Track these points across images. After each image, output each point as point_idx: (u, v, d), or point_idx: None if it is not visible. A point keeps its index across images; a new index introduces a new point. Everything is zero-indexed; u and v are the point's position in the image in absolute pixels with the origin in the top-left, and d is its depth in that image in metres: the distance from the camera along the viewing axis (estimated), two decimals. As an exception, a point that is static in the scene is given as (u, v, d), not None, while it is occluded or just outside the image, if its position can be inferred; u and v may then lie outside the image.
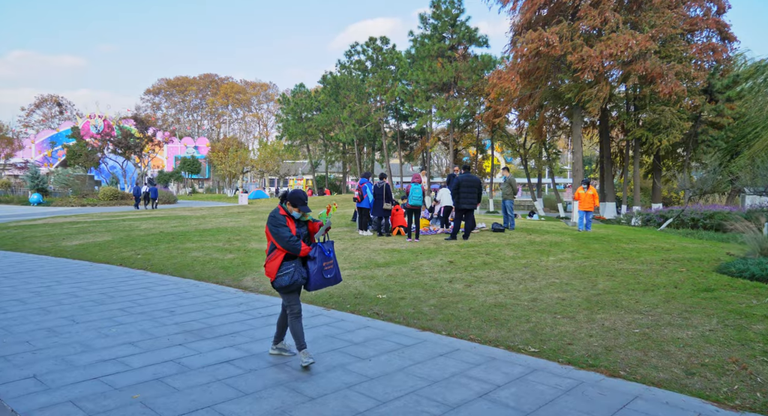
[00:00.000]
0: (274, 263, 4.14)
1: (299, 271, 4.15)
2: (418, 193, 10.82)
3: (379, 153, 51.41)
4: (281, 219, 4.11)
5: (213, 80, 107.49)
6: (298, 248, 4.10)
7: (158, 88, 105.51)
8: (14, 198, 36.53)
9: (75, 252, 11.19)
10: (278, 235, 4.06)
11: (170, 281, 7.92)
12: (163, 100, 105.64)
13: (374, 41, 41.41)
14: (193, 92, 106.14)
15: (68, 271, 8.90)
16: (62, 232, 14.59)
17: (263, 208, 23.28)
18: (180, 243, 11.87)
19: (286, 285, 4.12)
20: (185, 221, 17.05)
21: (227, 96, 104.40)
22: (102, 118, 68.42)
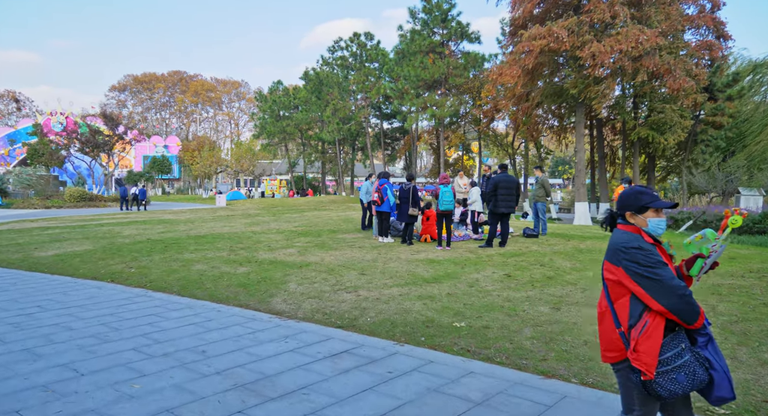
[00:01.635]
0: (651, 341, 2.18)
1: (696, 359, 2.22)
2: (449, 197, 9.66)
3: (361, 152, 50.11)
4: (652, 252, 2.25)
5: (182, 77, 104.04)
6: (697, 307, 2.22)
7: (124, 84, 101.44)
8: (-30, 200, 33.66)
9: (53, 266, 9.58)
10: (659, 282, 2.18)
11: (182, 304, 6.52)
12: (129, 97, 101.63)
13: (358, 37, 40.11)
14: (161, 89, 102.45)
15: (50, 291, 7.37)
16: (32, 240, 12.84)
17: (253, 211, 21.74)
18: (176, 253, 10.38)
19: (678, 390, 2.17)
20: (172, 226, 15.45)
21: (197, 94, 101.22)
22: (64, 115, 64.91)
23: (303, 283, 7.36)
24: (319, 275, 7.88)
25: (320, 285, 7.24)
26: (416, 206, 10.54)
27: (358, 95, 41.86)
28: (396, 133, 47.69)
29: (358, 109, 39.89)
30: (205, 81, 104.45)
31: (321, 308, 6.11)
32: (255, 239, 12.14)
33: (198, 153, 63.93)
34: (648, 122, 21.90)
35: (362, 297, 6.45)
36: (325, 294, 6.71)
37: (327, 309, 6.07)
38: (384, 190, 10.77)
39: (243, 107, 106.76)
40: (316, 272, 8.12)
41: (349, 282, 7.28)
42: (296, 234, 12.81)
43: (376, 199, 10.74)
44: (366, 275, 7.73)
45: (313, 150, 52.72)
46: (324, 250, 10.20)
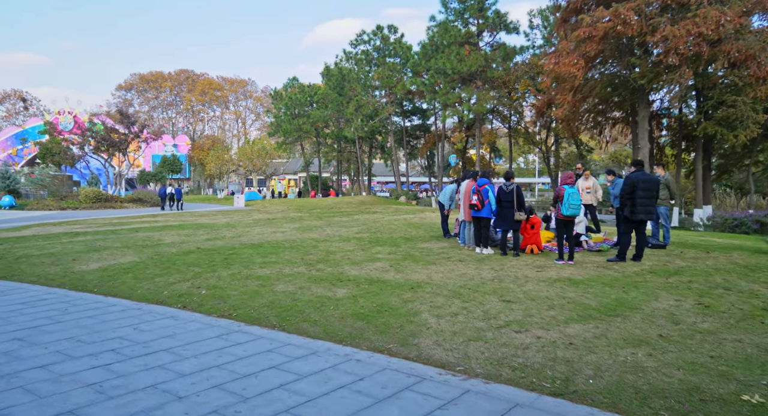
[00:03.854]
0: None
1: None
2: (576, 200, 8.04)
3: (381, 151, 48.47)
4: None
5: (189, 76, 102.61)
6: None
7: (131, 83, 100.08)
8: (-19, 201, 32.17)
9: (101, 284, 8.00)
10: None
11: (298, 346, 4.92)
12: (135, 96, 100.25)
13: (381, 30, 38.48)
14: (167, 88, 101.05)
15: (114, 323, 5.79)
16: (66, 249, 11.27)
17: (293, 214, 20.14)
18: (243, 267, 8.78)
19: None
20: (215, 232, 13.86)
21: (204, 92, 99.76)
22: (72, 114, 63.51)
23: (440, 315, 5.75)
24: (449, 302, 6.27)
25: (465, 318, 5.63)
26: (522, 209, 8.93)
27: (381, 91, 40.26)
28: (417, 130, 46.10)
29: (382, 106, 38.27)
30: (212, 80, 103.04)
31: (499, 358, 4.50)
32: (323, 249, 10.54)
33: (209, 152, 62.34)
34: (716, 117, 20.20)
35: (545, 341, 4.83)
36: (486, 334, 5.10)
37: (509, 360, 4.45)
38: (485, 191, 9.15)
39: (250, 106, 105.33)
40: (441, 297, 6.51)
41: (503, 315, 5.66)
42: (367, 243, 11.20)
43: (476, 203, 9.11)
44: (513, 303, 6.12)
45: (329, 148, 51.14)
46: (421, 265, 8.60)
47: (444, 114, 30.82)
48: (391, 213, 19.93)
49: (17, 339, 5.20)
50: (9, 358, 4.60)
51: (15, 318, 6.04)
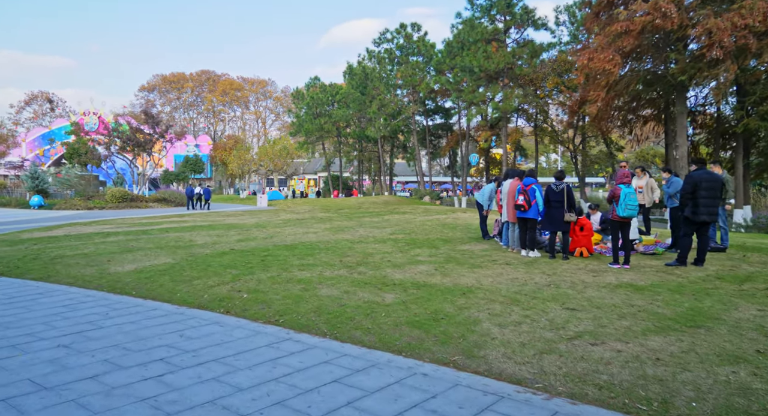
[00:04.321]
0: None
1: None
2: (634, 201, 7.59)
3: (403, 150, 48.08)
4: None
5: (210, 76, 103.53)
6: None
7: (153, 84, 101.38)
8: (11, 200, 32.72)
9: (139, 286, 7.81)
10: None
11: (358, 358, 4.61)
12: (158, 96, 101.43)
13: (405, 28, 38.08)
14: (189, 89, 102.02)
15: (158, 329, 5.54)
16: (99, 250, 11.16)
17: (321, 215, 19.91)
18: (282, 270, 8.52)
19: None
20: (245, 232, 13.67)
21: (225, 93, 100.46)
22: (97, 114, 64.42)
23: (503, 324, 5.37)
24: (508, 309, 5.90)
25: (531, 327, 5.25)
26: (573, 210, 8.49)
27: (404, 90, 39.89)
28: (439, 129, 45.61)
29: (405, 105, 37.90)
30: (233, 80, 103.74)
31: (580, 374, 4.11)
32: (360, 251, 10.23)
33: (231, 152, 62.65)
34: (760, 112, 19.37)
35: (628, 355, 4.43)
36: (558, 346, 4.72)
37: (592, 376, 4.07)
38: (532, 191, 8.74)
39: (270, 106, 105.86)
40: (497, 304, 6.14)
41: (571, 325, 5.27)
42: (405, 245, 10.87)
43: (522, 203, 8.70)
44: (578, 311, 5.72)
45: (351, 148, 50.94)
46: (466, 268, 8.23)
47: (469, 112, 30.34)
48: (420, 213, 19.55)
49: (62, 346, 4.98)
50: (56, 367, 4.37)
51: (57, 322, 5.84)
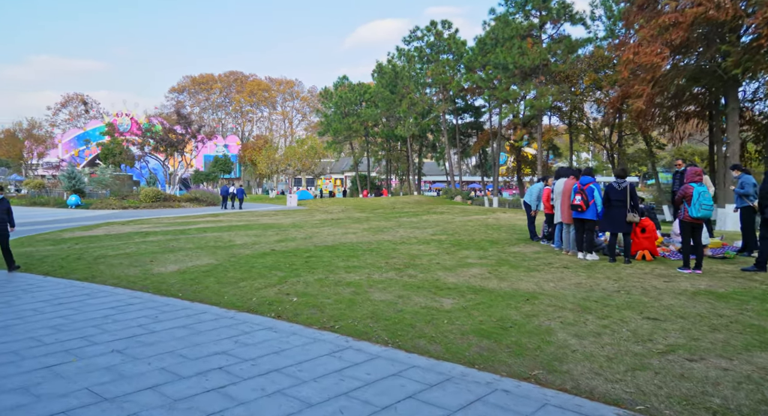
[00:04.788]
0: None
1: None
2: (709, 200, 7.05)
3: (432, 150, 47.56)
4: None
5: (238, 77, 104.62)
6: None
7: (183, 86, 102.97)
8: (50, 199, 33.47)
9: (185, 288, 7.63)
10: None
11: (429, 370, 4.27)
12: (187, 98, 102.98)
13: (435, 25, 37.61)
14: (217, 90, 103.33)
15: (212, 334, 5.30)
16: (140, 250, 11.10)
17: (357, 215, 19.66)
18: (328, 272, 8.24)
19: None
20: (283, 232, 13.48)
21: (253, 93, 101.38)
22: (129, 116, 65.69)
23: (580, 335, 4.95)
24: (581, 318, 5.47)
25: (613, 339, 4.82)
26: (636, 210, 7.98)
27: (433, 88, 39.42)
28: (469, 128, 44.93)
29: (435, 103, 37.43)
30: (261, 81, 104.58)
31: (685, 395, 3.68)
32: (405, 252, 9.89)
33: (260, 152, 63.09)
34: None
35: (737, 374, 3.97)
36: (651, 362, 4.28)
37: (700, 399, 3.63)
38: (590, 191, 8.25)
39: (297, 106, 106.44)
40: (567, 312, 5.71)
41: (659, 338, 4.82)
42: (450, 246, 10.49)
43: (579, 204, 8.22)
44: (661, 321, 5.26)
45: (379, 147, 50.67)
46: (522, 272, 7.80)
47: (503, 110, 29.71)
48: (458, 213, 19.13)
49: (116, 352, 4.77)
50: (114, 376, 4.15)
51: (108, 326, 5.67)
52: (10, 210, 9.14)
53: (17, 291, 7.48)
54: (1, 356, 4.65)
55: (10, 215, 9.12)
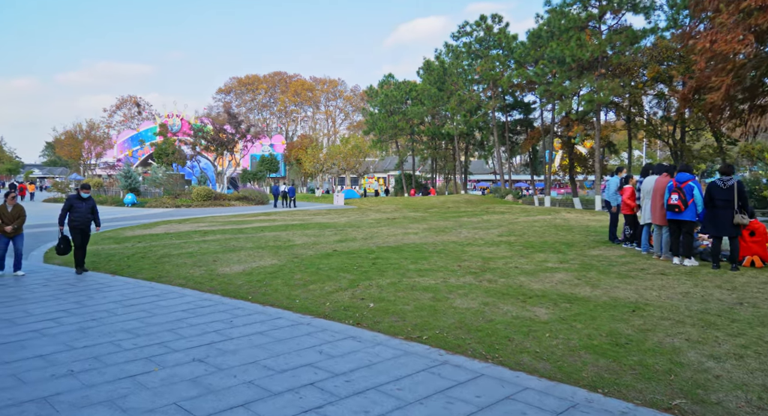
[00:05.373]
0: None
1: None
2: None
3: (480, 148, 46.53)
4: None
5: (282, 78, 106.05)
6: None
7: (230, 87, 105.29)
8: (107, 198, 34.62)
9: (252, 289, 7.36)
10: None
11: (547, 394, 3.73)
12: (233, 98, 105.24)
13: (485, 20, 36.63)
14: (263, 90, 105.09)
15: (290, 341, 4.94)
16: (202, 249, 11.00)
17: (412, 214, 19.22)
18: (399, 274, 7.80)
19: None
20: (341, 232, 13.16)
21: (297, 93, 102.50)
22: (179, 117, 67.53)
23: (716, 356, 4.29)
24: (706, 334, 4.79)
25: (762, 364, 4.14)
26: (745, 211, 7.14)
27: (481, 85, 38.45)
28: (518, 125, 43.63)
29: (484, 100, 36.49)
30: (305, 80, 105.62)
31: None
32: (475, 254, 9.34)
33: (304, 151, 63.60)
34: None
35: None
36: (818, 391, 3.59)
37: None
38: (689, 189, 7.46)
39: (340, 105, 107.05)
40: (688, 327, 5.04)
41: (817, 360, 4.10)
42: (522, 248, 9.85)
43: (677, 203, 7.43)
44: (809, 340, 4.52)
45: (425, 146, 50.01)
46: (614, 278, 7.12)
47: (559, 105, 28.52)
48: (519, 213, 18.34)
49: (197, 360, 4.47)
50: (201, 390, 3.82)
51: (183, 330, 5.40)
52: (96, 209, 8.95)
53: (88, 290, 7.40)
54: (84, 361, 4.43)
55: (96, 214, 8.92)
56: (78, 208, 8.64)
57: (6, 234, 8.32)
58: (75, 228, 8.64)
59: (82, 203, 8.69)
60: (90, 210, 8.74)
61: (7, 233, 8.31)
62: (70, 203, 8.65)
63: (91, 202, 8.79)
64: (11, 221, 8.37)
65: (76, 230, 8.65)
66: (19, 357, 4.56)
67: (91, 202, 8.79)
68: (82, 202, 8.71)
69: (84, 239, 8.77)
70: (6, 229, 8.29)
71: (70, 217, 8.62)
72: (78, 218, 8.62)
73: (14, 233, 8.42)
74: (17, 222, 8.45)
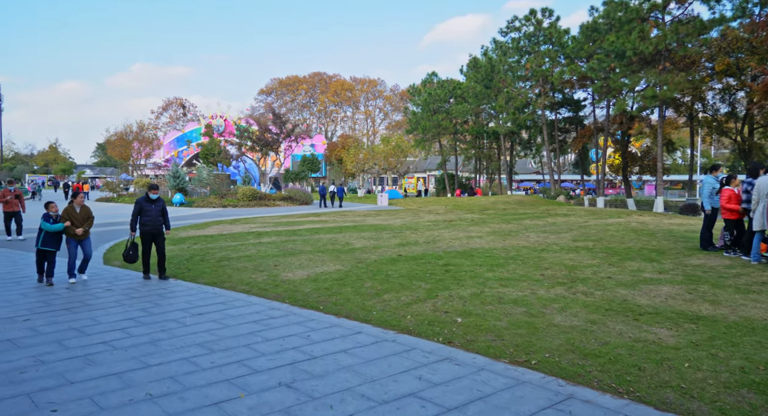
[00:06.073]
0: None
1: None
2: None
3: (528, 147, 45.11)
4: None
5: (322, 78, 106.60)
6: None
7: (271, 88, 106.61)
8: (157, 198, 35.21)
9: (320, 298, 6.85)
10: None
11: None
12: (274, 99, 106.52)
13: (534, 14, 35.36)
14: (303, 91, 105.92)
15: (381, 363, 4.38)
16: (260, 252, 10.62)
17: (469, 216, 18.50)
18: (479, 284, 7.14)
19: None
20: (400, 236, 12.58)
21: (337, 93, 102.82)
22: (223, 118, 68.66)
23: None
24: None
25: None
26: None
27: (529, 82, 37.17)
28: (567, 123, 42.02)
29: (533, 97, 35.24)
30: (344, 80, 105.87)
31: None
32: (555, 261, 8.56)
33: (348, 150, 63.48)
34: None
35: None
36: None
37: None
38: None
39: (379, 105, 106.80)
40: None
41: None
42: (607, 255, 9.00)
43: None
44: None
45: (469, 145, 48.93)
46: (733, 293, 6.25)
47: (618, 101, 27.06)
48: (585, 215, 17.31)
49: (285, 386, 3.95)
50: (298, 426, 3.29)
51: (260, 346, 4.92)
52: (166, 210, 8.31)
53: (152, 296, 7.07)
54: (162, 383, 3.99)
55: (166, 216, 8.27)
56: (148, 211, 8.03)
57: (76, 237, 7.83)
58: (146, 234, 8.03)
59: (151, 205, 8.08)
60: (160, 212, 8.14)
61: (77, 236, 7.82)
62: (139, 206, 8.05)
63: (160, 203, 8.18)
64: (81, 223, 7.89)
65: (147, 235, 8.04)
66: (93, 375, 4.16)
67: (160, 203, 8.18)
68: (152, 203, 8.09)
69: (159, 242, 8.12)
70: (77, 232, 7.78)
71: (140, 221, 8.05)
72: (149, 222, 8.02)
73: (84, 236, 7.94)
74: (87, 224, 7.97)
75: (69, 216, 7.82)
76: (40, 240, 7.66)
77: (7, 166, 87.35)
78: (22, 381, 4.02)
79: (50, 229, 7.64)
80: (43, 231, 7.67)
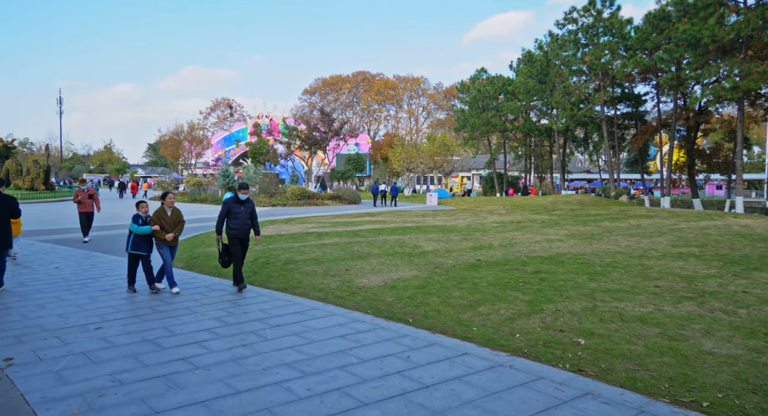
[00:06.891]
0: None
1: None
2: None
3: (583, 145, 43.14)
4: None
5: (365, 77, 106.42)
6: None
7: (315, 87, 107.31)
8: (207, 197, 35.64)
9: (406, 308, 6.13)
10: None
11: None
12: (318, 98, 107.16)
13: (594, 4, 33.60)
14: (346, 90, 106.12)
15: (506, 395, 3.63)
16: (325, 254, 10.02)
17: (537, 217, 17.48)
18: (588, 297, 6.24)
19: None
20: (471, 238, 11.73)
21: (380, 92, 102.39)
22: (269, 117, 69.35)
23: None
24: None
25: None
26: None
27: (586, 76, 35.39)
28: (626, 119, 39.87)
29: (593, 92, 33.50)
30: (388, 79, 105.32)
31: None
32: (663, 270, 7.53)
33: (391, 149, 62.85)
34: None
35: None
36: None
37: None
38: None
39: (423, 103, 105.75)
40: None
41: None
42: (724, 264, 7.91)
43: None
44: None
45: (519, 143, 47.34)
46: None
47: (693, 94, 25.21)
48: (667, 217, 15.92)
49: (406, 428, 3.22)
50: None
51: (357, 369, 4.23)
52: (255, 213, 7.32)
53: (224, 303, 6.54)
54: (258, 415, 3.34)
55: (255, 219, 7.29)
56: (237, 214, 7.06)
57: (167, 242, 7.01)
58: (234, 239, 7.09)
59: (240, 207, 7.10)
60: (249, 214, 7.18)
61: (168, 242, 7.01)
62: (227, 207, 7.08)
63: (250, 204, 7.19)
64: (172, 227, 7.04)
65: (235, 240, 7.10)
66: (178, 402, 3.57)
67: (250, 204, 7.19)
68: (241, 205, 7.12)
69: (244, 249, 7.28)
70: (167, 238, 6.94)
71: (228, 225, 7.11)
72: (237, 225, 7.07)
73: (173, 242, 7.11)
74: (177, 230, 7.12)
75: (159, 219, 7.00)
76: (130, 242, 6.97)
77: (67, 165, 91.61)
78: (102, 409, 3.46)
79: (137, 231, 6.89)
80: (132, 233, 6.97)
